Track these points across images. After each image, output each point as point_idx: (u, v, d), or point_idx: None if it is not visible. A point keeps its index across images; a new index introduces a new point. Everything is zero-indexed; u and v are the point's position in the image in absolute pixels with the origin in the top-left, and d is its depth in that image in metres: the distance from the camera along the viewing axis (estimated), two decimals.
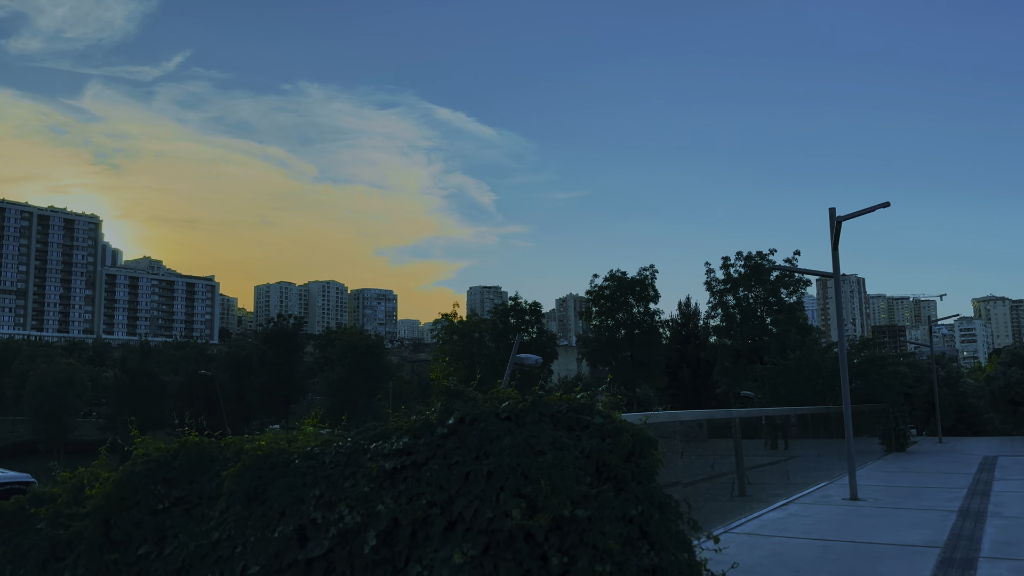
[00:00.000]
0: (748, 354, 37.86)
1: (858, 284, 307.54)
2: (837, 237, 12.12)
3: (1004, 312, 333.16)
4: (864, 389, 22.68)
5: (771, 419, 10.54)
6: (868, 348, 24.42)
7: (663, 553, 5.42)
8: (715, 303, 41.20)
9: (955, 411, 39.32)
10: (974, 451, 22.74)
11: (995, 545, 8.10)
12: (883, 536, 8.74)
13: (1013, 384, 33.87)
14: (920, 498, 12.08)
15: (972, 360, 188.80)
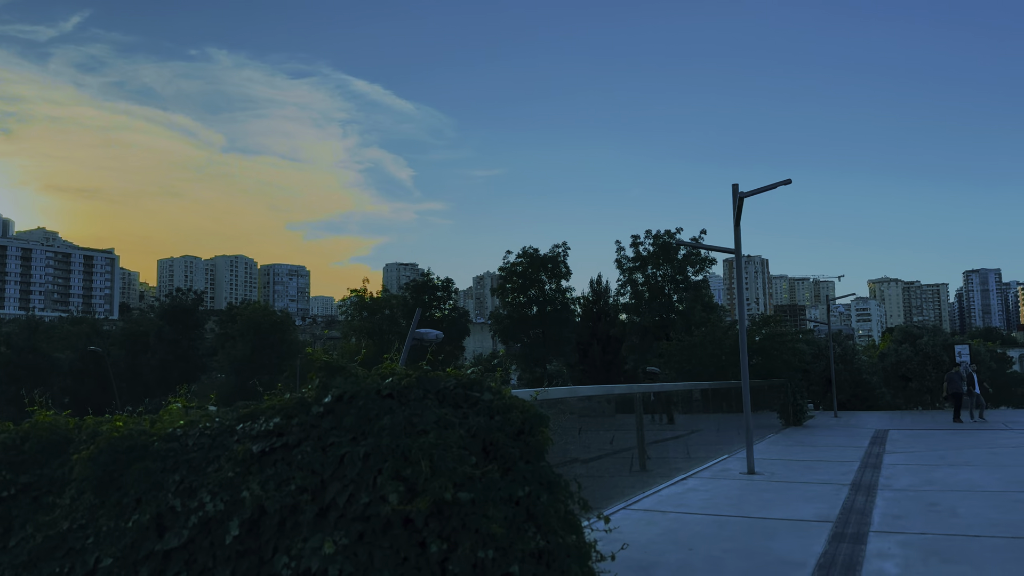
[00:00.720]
0: (656, 331, 38.50)
1: (762, 265, 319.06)
2: (739, 213, 12.13)
3: (897, 293, 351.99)
4: (764, 365, 23.24)
5: (660, 394, 10.48)
6: (768, 325, 25.03)
7: (550, 536, 5.13)
8: (625, 281, 41.78)
9: (850, 386, 40.99)
10: (867, 425, 23.64)
11: (885, 519, 8.21)
12: (778, 511, 8.77)
13: (903, 361, 35.47)
14: (815, 472, 12.30)
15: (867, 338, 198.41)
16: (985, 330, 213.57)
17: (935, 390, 36.50)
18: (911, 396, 37.02)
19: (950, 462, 13.29)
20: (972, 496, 9.50)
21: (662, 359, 25.60)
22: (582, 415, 9.29)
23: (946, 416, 28.19)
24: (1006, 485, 10.37)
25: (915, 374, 35.16)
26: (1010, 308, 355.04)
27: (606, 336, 43.22)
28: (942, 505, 8.90)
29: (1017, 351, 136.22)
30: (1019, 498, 9.26)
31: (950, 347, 34.80)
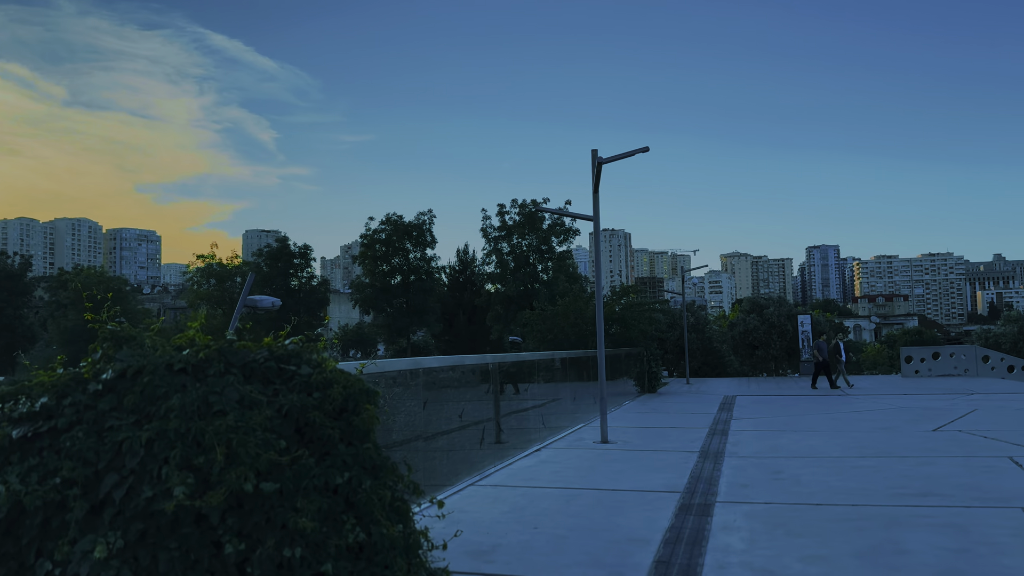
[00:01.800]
0: (521, 301, 38.55)
1: (625, 239, 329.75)
2: (598, 180, 11.86)
3: (747, 266, 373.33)
4: (622, 334, 23.51)
5: (509, 364, 10.10)
6: (627, 295, 25.38)
7: (373, 527, 4.50)
8: (490, 250, 41.47)
9: (702, 354, 42.71)
10: (717, 391, 24.48)
11: (732, 488, 8.14)
12: (627, 482, 8.56)
13: (751, 330, 37.23)
14: (666, 439, 12.33)
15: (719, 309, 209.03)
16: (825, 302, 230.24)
17: (779, 357, 38.60)
18: (758, 363, 38.99)
19: (794, 428, 13.71)
20: (815, 463, 9.68)
21: (525, 328, 25.48)
22: (431, 388, 8.73)
23: (790, 382, 29.73)
24: (845, 451, 10.69)
25: (761, 342, 37.05)
26: (847, 281, 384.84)
27: (472, 306, 42.87)
28: (786, 473, 8.98)
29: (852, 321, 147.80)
30: (857, 464, 9.50)
31: (793, 317, 36.81)
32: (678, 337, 37.05)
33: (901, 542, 5.81)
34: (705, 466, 9.60)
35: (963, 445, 10.82)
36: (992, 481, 8.06)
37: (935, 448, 10.62)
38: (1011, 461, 9.31)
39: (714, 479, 8.65)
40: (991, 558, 5.30)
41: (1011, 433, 11.90)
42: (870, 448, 10.85)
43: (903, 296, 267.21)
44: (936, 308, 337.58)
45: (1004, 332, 44.87)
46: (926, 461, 9.53)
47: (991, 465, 9.07)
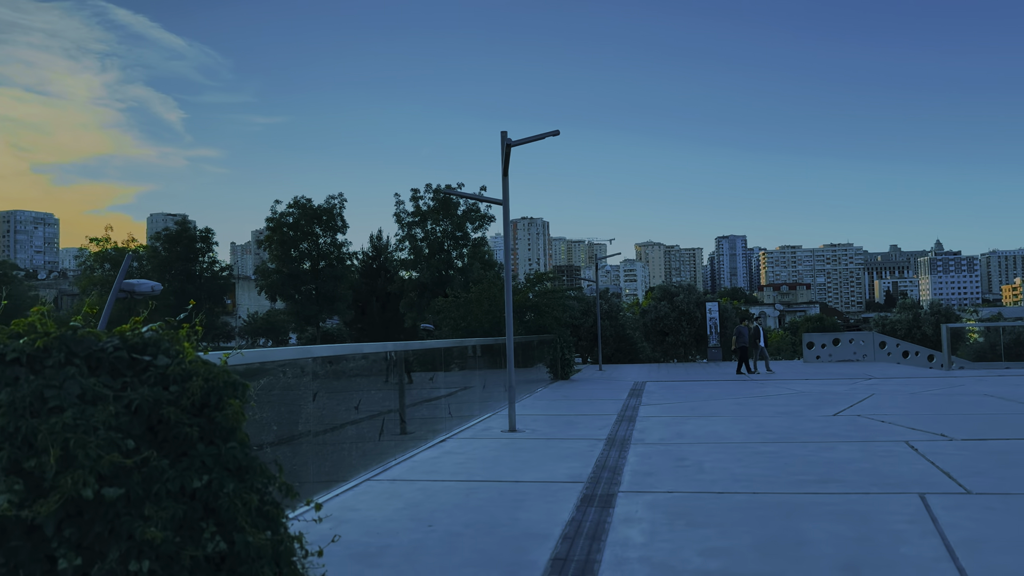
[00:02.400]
0: (435, 287, 37.96)
1: (543, 227, 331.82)
2: (507, 163, 11.52)
3: (660, 255, 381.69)
4: (537, 321, 23.38)
5: (397, 354, 9.70)
6: (541, 282, 25.22)
7: (236, 534, 4.03)
8: (404, 236, 40.61)
9: (615, 341, 43.14)
10: (628, 377, 24.63)
11: (635, 476, 7.96)
12: (532, 472, 8.28)
13: (662, 317, 37.79)
14: (574, 427, 12.15)
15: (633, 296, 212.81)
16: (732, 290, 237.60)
17: (689, 343, 39.35)
18: (668, 349, 39.63)
19: (699, 413, 13.76)
20: (718, 449, 9.63)
21: (439, 316, 25.03)
22: (327, 378, 8.23)
23: (698, 368, 30.25)
24: (748, 436, 10.71)
25: (672, 329, 37.67)
26: (753, 271, 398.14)
27: (385, 293, 41.97)
28: (690, 460, 8.88)
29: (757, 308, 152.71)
30: (760, 450, 9.50)
31: (702, 305, 37.54)
32: (592, 324, 37.27)
33: (802, 531, 5.70)
34: (611, 454, 9.43)
35: (862, 430, 11.01)
36: (890, 467, 8.13)
37: (835, 433, 10.76)
38: (907, 445, 9.47)
39: (619, 468, 8.47)
40: (890, 547, 5.22)
41: (906, 417, 12.21)
42: (772, 433, 10.91)
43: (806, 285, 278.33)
44: (837, 296, 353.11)
45: (899, 319, 46.98)
46: (826, 446, 9.61)
47: (889, 450, 9.19)
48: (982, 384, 18.25)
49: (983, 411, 12.80)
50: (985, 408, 13.19)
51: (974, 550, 5.07)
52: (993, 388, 16.98)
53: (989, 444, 9.36)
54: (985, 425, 11.10)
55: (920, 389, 17.34)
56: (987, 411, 12.77)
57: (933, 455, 8.71)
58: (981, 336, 41.33)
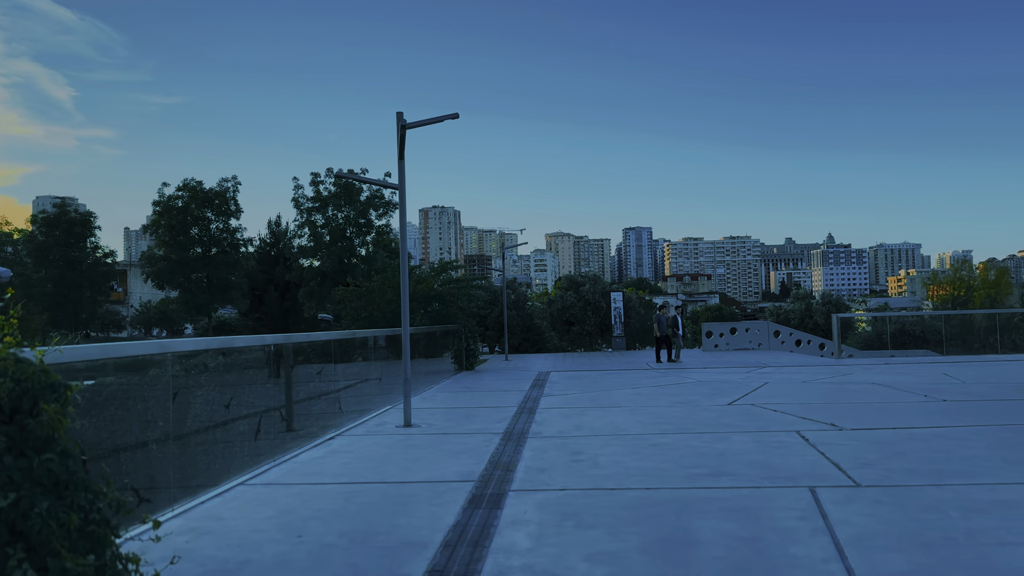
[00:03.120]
0: (336, 276, 36.73)
1: (455, 217, 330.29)
2: (403, 145, 10.97)
3: (569, 246, 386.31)
4: (441, 311, 22.87)
5: (280, 347, 9.08)
6: (446, 271, 24.70)
7: (51, 560, 3.43)
8: (303, 222, 39.04)
9: (523, 331, 43.04)
10: (533, 367, 24.44)
11: (529, 473, 7.62)
12: (421, 471, 7.83)
13: (568, 306, 37.85)
14: (473, 420, 11.75)
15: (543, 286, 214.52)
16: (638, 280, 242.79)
17: (594, 333, 39.60)
18: (575, 339, 39.76)
19: (600, 404, 13.60)
20: (615, 442, 9.41)
21: (339, 305, 24.17)
22: (198, 373, 7.54)
23: (602, 357, 30.39)
24: (645, 427, 10.55)
25: (578, 318, 37.77)
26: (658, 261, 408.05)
27: (284, 281, 40.41)
28: (586, 454, 8.61)
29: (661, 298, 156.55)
30: (656, 441, 9.32)
31: (607, 294, 37.80)
32: (499, 314, 37.02)
33: (693, 531, 5.46)
34: (507, 449, 9.07)
35: (755, 419, 11.02)
36: (782, 458, 8.05)
37: (729, 423, 10.73)
38: (799, 435, 9.47)
39: (513, 464, 8.11)
40: (781, 547, 5.02)
41: (798, 406, 12.34)
42: (669, 424, 10.80)
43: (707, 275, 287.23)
44: (736, 287, 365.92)
45: (793, 309, 48.68)
46: (720, 437, 9.52)
47: (781, 440, 9.17)
48: (870, 372, 18.84)
49: (870, 399, 13.09)
50: (872, 397, 13.51)
51: (863, 549, 4.92)
52: (880, 376, 17.53)
53: (876, 434, 9.46)
54: (872, 414, 11.30)
55: (812, 377, 17.75)
56: (874, 399, 13.06)
57: (823, 445, 8.72)
58: (869, 326, 43.24)
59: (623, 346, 36.40)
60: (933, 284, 61.39)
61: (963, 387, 14.56)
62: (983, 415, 10.77)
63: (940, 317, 33.45)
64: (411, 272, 23.65)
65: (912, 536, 5.15)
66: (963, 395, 13.25)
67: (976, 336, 31.03)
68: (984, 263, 62.62)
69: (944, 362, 22.17)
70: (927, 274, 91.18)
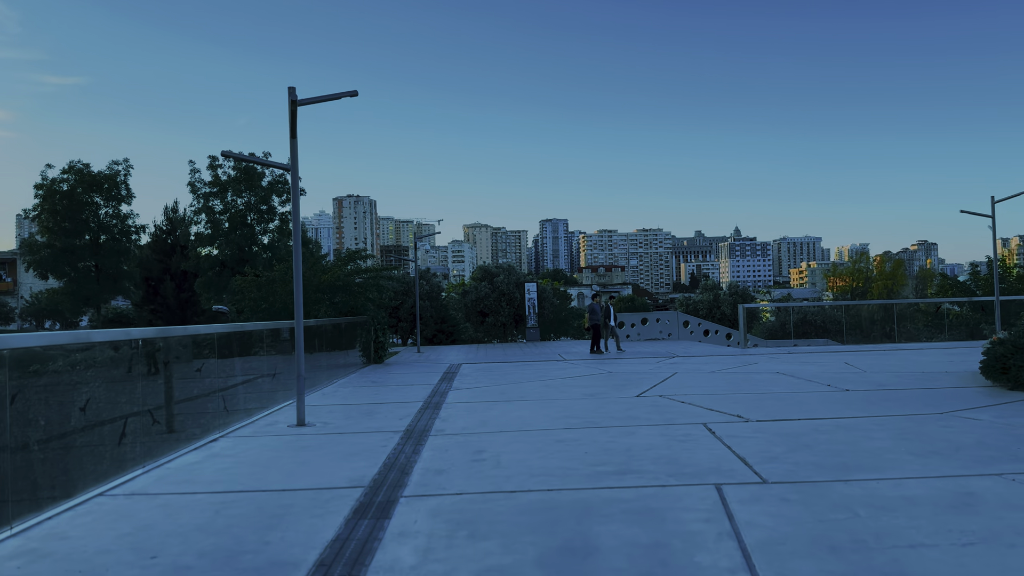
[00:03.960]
0: (237, 265, 35.00)
1: (370, 206, 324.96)
2: (294, 123, 10.19)
3: (487, 237, 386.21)
4: (349, 302, 22.01)
5: (150, 342, 8.26)
6: (353, 261, 23.80)
7: None
8: (200, 207, 36.90)
9: (436, 322, 42.35)
10: (445, 359, 23.86)
11: (425, 476, 7.07)
12: (307, 477, 7.17)
13: (482, 297, 37.38)
14: (374, 417, 11.11)
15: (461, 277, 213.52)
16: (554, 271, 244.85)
17: (508, 324, 39.30)
18: (489, 330, 39.38)
19: (508, 397, 13.16)
20: (520, 438, 8.96)
21: (237, 296, 22.96)
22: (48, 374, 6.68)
23: (515, 348, 30.04)
24: (552, 422, 10.16)
25: (492, 309, 37.40)
26: (574, 253, 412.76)
27: (181, 271, 38.33)
28: (488, 452, 8.12)
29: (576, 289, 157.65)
30: (562, 437, 8.92)
31: (521, 285, 37.53)
32: (412, 305, 36.23)
33: (594, 538, 5.03)
34: (405, 449, 8.50)
35: (663, 412, 10.78)
36: (688, 453, 7.76)
37: (637, 416, 10.45)
38: (705, 428, 9.25)
39: (409, 466, 7.55)
40: (685, 555, 4.64)
41: (706, 398, 12.20)
42: (577, 418, 10.45)
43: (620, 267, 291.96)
44: (648, 278, 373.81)
45: (701, 299, 49.60)
46: (628, 431, 9.21)
47: (688, 433, 8.91)
48: (774, 362, 19.06)
49: (775, 389, 13.08)
50: (777, 387, 13.52)
51: (771, 556, 4.59)
52: (784, 366, 17.72)
53: (781, 425, 9.32)
54: (777, 404, 11.23)
55: (719, 367, 17.80)
56: (779, 390, 13.06)
57: (730, 438, 8.49)
58: (773, 316, 44.42)
59: (537, 337, 36.20)
60: (833, 275, 63.74)
61: (864, 376, 14.78)
62: (885, 405, 10.83)
63: (840, 307, 34.53)
64: (317, 262, 22.66)
65: (821, 539, 4.86)
66: (864, 384, 13.40)
67: (875, 326, 32.15)
68: (880, 256, 65.46)
69: (845, 351, 22.73)
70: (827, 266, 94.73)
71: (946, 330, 28.07)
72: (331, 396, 14.20)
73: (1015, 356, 11.38)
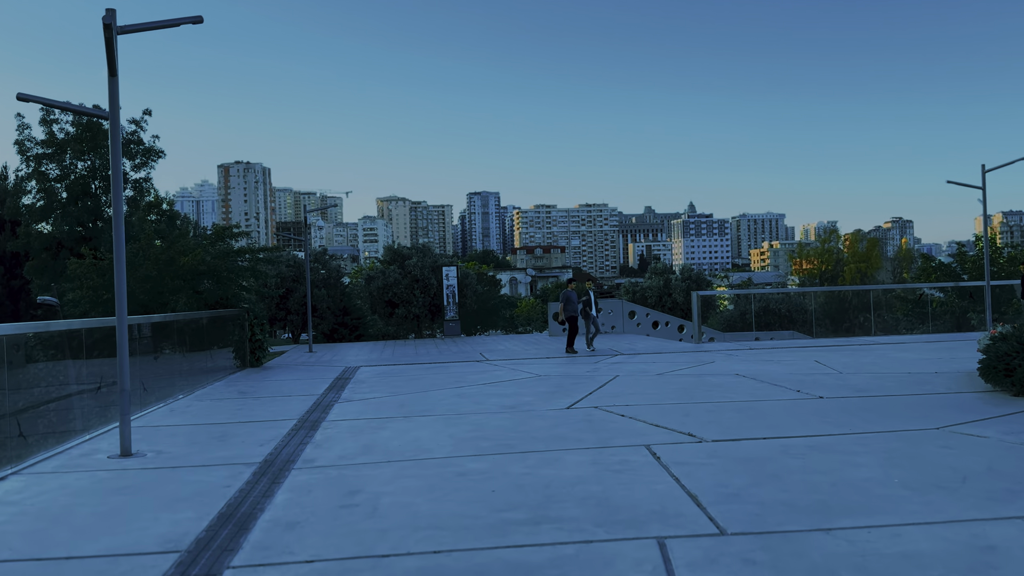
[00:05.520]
0: (76, 245, 32.65)
1: (263, 175, 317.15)
2: (113, 55, 8.91)
3: (404, 212, 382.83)
4: (216, 291, 20.61)
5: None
6: (223, 239, 22.33)
7: None
8: (30, 173, 34.02)
9: (337, 314, 40.98)
10: (343, 361, 22.74)
11: (270, 532, 6.04)
12: (106, 537, 6.05)
13: (391, 284, 36.13)
14: (227, 442, 9.99)
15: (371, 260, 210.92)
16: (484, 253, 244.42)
17: (423, 316, 38.18)
18: (400, 323, 38.22)
19: (409, 411, 12.22)
20: (411, 470, 8.00)
21: (74, 284, 21.28)
22: None
23: (430, 346, 28.99)
24: (457, 445, 9.24)
25: (403, 299, 36.16)
26: (507, 232, 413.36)
27: (9, 252, 35.74)
28: (365, 493, 7.13)
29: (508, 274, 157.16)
30: (466, 468, 8.00)
31: (438, 269, 36.43)
32: (304, 294, 34.75)
33: None
34: (256, 489, 7.44)
35: (597, 429, 9.98)
36: (625, 488, 6.93)
37: (565, 435, 9.62)
38: (648, 452, 8.47)
39: (253, 517, 6.50)
40: None
41: (650, 409, 11.46)
42: (489, 439, 9.55)
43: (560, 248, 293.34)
44: (592, 260, 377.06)
45: (650, 285, 49.44)
46: (551, 457, 8.35)
47: (626, 460, 8.11)
48: (733, 360, 18.59)
49: (735, 397, 12.47)
50: (737, 393, 12.92)
51: None
52: (744, 365, 17.24)
53: (743, 447, 8.61)
54: (737, 418, 10.57)
55: (668, 368, 17.20)
56: (739, 397, 12.46)
57: (678, 466, 7.72)
58: (732, 304, 44.51)
59: (458, 331, 35.20)
60: (799, 257, 64.69)
61: (839, 379, 14.33)
62: (867, 417, 10.26)
63: (808, 294, 34.62)
64: (176, 241, 21.13)
65: None
66: (840, 389, 12.91)
67: (847, 315, 32.32)
68: (852, 234, 66.67)
69: (814, 346, 22.51)
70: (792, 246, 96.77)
71: (929, 320, 28.33)
72: (181, 412, 12.97)
73: (1022, 355, 10.95)
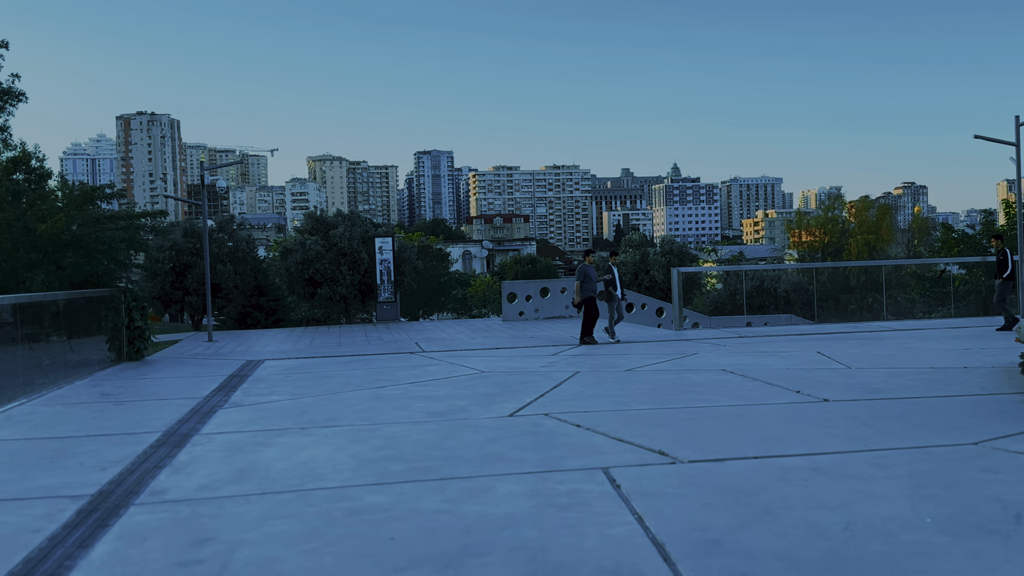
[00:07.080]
0: None
1: (172, 128, 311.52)
2: None
3: (341, 174, 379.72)
4: (84, 267, 19.31)
5: None
6: (91, 201, 20.98)
7: None
8: None
9: (251, 295, 39.69)
10: (248, 352, 21.74)
11: None
12: None
13: (312, 259, 34.79)
14: (58, 466, 8.89)
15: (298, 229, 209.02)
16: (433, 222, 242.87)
17: (352, 297, 36.97)
18: (324, 306, 37.00)
19: (309, 420, 11.22)
20: (285, 508, 6.96)
21: None
22: None
23: (358, 333, 27.85)
24: (358, 470, 8.23)
25: (327, 277, 34.84)
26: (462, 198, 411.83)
27: None
28: (218, 544, 6.08)
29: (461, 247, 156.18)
30: (362, 502, 6.98)
31: (370, 241, 35.22)
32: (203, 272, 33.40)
33: None
34: (71, 537, 6.37)
35: (543, 445, 9.03)
36: (570, 535, 5.96)
37: (501, 454, 8.65)
38: (606, 477, 7.53)
39: None
40: None
41: (614, 417, 10.56)
42: (401, 459, 8.56)
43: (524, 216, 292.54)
44: (560, 231, 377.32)
45: (626, 261, 48.72)
46: (478, 487, 7.37)
47: (576, 488, 7.15)
48: (720, 352, 17.88)
49: (720, 400, 11.66)
50: (723, 395, 12.11)
51: None
52: (733, 359, 16.53)
53: (728, 470, 7.70)
54: (722, 427, 9.72)
55: (641, 362, 16.39)
56: (725, 400, 11.64)
57: (644, 499, 6.78)
58: (720, 282, 43.92)
59: (395, 315, 34.08)
60: (798, 228, 64.45)
61: (847, 376, 13.63)
62: (885, 428, 9.43)
63: (809, 271, 34.03)
64: (33, 202, 19.75)
65: None
66: (850, 390, 12.17)
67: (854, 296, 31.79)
68: (858, 201, 66.42)
69: (817, 334, 21.88)
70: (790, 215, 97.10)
71: (951, 301, 27.74)
72: (18, 422, 11.81)
73: None
